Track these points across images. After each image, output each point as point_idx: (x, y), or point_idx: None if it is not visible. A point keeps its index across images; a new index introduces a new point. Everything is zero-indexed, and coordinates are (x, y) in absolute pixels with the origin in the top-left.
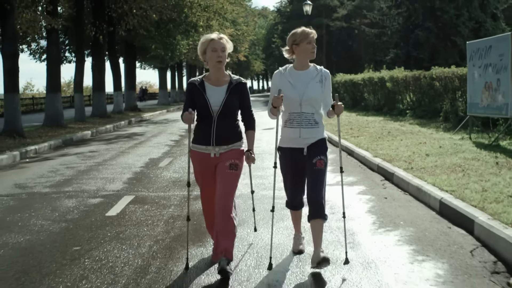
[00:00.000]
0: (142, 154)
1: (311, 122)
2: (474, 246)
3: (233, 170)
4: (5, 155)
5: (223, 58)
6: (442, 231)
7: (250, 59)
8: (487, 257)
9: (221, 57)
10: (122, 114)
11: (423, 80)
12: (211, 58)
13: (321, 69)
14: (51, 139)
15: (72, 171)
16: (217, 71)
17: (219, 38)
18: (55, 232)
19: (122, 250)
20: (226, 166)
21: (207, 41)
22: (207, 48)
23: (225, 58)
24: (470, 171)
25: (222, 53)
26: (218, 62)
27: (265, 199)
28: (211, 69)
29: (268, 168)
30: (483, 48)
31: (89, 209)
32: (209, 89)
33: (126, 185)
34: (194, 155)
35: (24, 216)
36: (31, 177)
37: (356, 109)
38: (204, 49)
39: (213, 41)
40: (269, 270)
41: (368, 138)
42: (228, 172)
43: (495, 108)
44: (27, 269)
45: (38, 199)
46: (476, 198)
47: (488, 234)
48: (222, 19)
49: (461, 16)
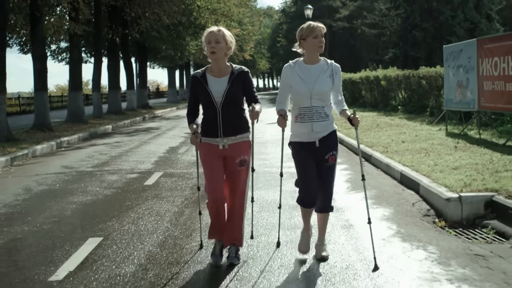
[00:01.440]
0: (162, 144)
1: (322, 116)
2: (416, 200)
3: (243, 167)
4: (45, 144)
5: (217, 49)
6: (396, 192)
7: (255, 58)
8: (423, 207)
9: (214, 48)
10: (135, 111)
11: (412, 79)
12: (207, 50)
13: (331, 63)
14: (78, 132)
15: (106, 157)
16: (214, 62)
17: (217, 30)
18: (109, 194)
19: (162, 203)
20: (236, 163)
21: (205, 34)
22: (204, 41)
23: (221, 49)
24: (432, 152)
25: (215, 45)
26: (212, 53)
27: (268, 174)
28: (211, 61)
29: (270, 153)
30: (456, 51)
31: (130, 181)
32: (211, 81)
33: (154, 165)
34: (202, 146)
35: (80, 186)
36: (73, 161)
37: (355, 106)
38: (204, 42)
39: (208, 34)
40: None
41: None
42: (239, 169)
43: (465, 103)
44: (97, 215)
45: (86, 175)
46: (426, 170)
47: (427, 192)
48: (229, 21)
49: (457, 17)
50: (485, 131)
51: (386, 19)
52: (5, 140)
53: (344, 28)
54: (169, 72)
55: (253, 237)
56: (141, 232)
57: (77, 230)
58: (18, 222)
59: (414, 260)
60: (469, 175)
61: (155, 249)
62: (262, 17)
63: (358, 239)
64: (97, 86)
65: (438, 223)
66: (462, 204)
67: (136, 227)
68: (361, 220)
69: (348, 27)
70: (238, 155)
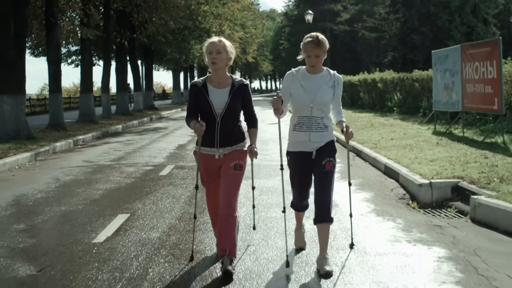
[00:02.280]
0: (171, 141)
1: (320, 126)
2: (395, 187)
3: (237, 171)
4: (63, 142)
5: (218, 60)
6: (379, 180)
7: (258, 60)
8: (400, 192)
9: (215, 59)
10: (142, 112)
11: (406, 81)
12: (208, 60)
13: (334, 73)
14: (91, 131)
15: (121, 152)
16: (215, 73)
17: (218, 41)
18: (129, 182)
19: (176, 189)
20: (231, 166)
21: (206, 45)
22: (205, 51)
23: (222, 60)
24: (415, 148)
25: (216, 55)
26: (212, 63)
27: (268, 167)
28: (211, 71)
29: (271, 149)
30: (443, 56)
31: (146, 172)
32: (211, 92)
33: (166, 159)
34: (200, 157)
35: (102, 176)
36: (92, 156)
37: (354, 107)
38: (205, 52)
39: (209, 45)
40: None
41: (353, 129)
42: (233, 172)
43: (451, 104)
44: (122, 198)
45: (106, 168)
46: (407, 162)
47: (405, 180)
48: (233, 25)
49: (454, 21)
50: (469, 130)
51: (386, 23)
52: (25, 138)
53: (345, 31)
54: (174, 74)
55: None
56: (161, 210)
57: (107, 209)
58: (55, 204)
59: (384, 228)
60: (442, 166)
61: (174, 221)
62: (265, 20)
63: (341, 214)
64: (106, 88)
65: (411, 205)
66: (432, 189)
67: (156, 206)
68: (345, 201)
69: (349, 31)
70: (233, 160)
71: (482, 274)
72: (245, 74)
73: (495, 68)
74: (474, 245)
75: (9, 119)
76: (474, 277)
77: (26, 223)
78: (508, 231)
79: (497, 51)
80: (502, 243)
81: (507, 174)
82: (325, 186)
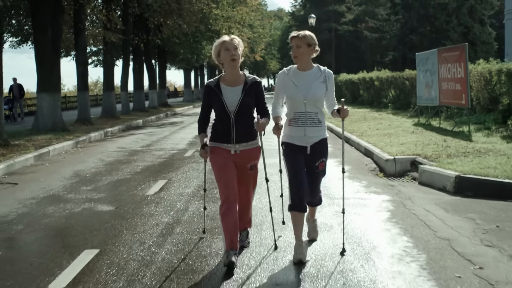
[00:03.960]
0: (189, 132)
1: (315, 121)
2: (368, 162)
3: (253, 171)
4: (96, 133)
5: (237, 56)
6: (358, 159)
7: (266, 59)
8: (372, 166)
9: (234, 55)
10: (157, 109)
11: (399, 80)
12: (225, 57)
13: (324, 69)
14: (116, 125)
15: (147, 141)
16: (232, 70)
17: (230, 39)
18: (161, 161)
19: (200, 165)
20: (248, 168)
21: (220, 43)
22: (220, 50)
23: (239, 56)
24: (393, 135)
25: (235, 51)
26: (232, 60)
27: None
28: (227, 69)
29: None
30: (424, 58)
31: (172, 154)
32: (225, 90)
33: (187, 146)
34: (214, 150)
35: (138, 157)
36: (124, 144)
37: (354, 104)
38: (217, 51)
39: (225, 42)
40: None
41: (347, 121)
42: (249, 173)
43: (430, 100)
44: (158, 170)
45: (139, 152)
46: (382, 145)
47: (377, 158)
48: (241, 27)
49: (451, 22)
50: (446, 122)
51: (387, 24)
52: (61, 130)
53: (350, 31)
54: (185, 73)
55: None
56: (190, 178)
57: (149, 177)
58: (108, 175)
59: (352, 185)
60: (408, 147)
61: (200, 183)
62: (272, 20)
63: (329, 189)
64: (125, 86)
65: (379, 174)
66: (395, 163)
67: (186, 176)
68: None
69: (354, 31)
70: (249, 161)
71: (407, 208)
72: (253, 72)
73: (463, 69)
74: (410, 194)
75: (47, 114)
76: (401, 209)
77: (91, 186)
78: (440, 187)
79: (464, 54)
80: (430, 194)
81: (454, 152)
82: (316, 184)
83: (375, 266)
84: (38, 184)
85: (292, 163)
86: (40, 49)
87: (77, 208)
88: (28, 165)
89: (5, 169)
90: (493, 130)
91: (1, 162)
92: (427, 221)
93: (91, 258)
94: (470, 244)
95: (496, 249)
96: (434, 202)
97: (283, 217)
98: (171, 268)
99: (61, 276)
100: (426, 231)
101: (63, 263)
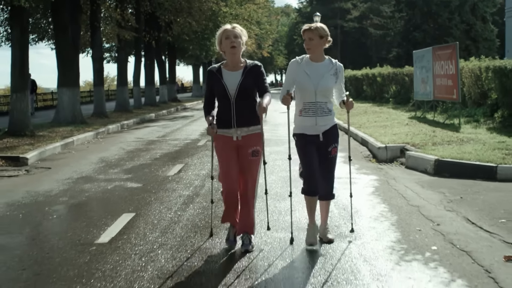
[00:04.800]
0: (200, 125)
1: (325, 111)
2: (364, 150)
3: (255, 157)
4: (113, 125)
5: (237, 44)
6: (355, 148)
7: (273, 54)
8: (367, 153)
9: (234, 42)
10: (167, 103)
11: (399, 76)
12: (226, 45)
13: (335, 62)
14: (130, 118)
15: (162, 132)
16: (232, 57)
17: (232, 27)
18: (176, 149)
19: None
20: (249, 153)
21: (222, 32)
22: (222, 38)
23: (240, 44)
24: (389, 127)
25: (234, 39)
26: (232, 47)
27: (277, 139)
28: (227, 56)
29: (280, 131)
30: (420, 55)
31: (187, 143)
32: (226, 74)
33: (200, 136)
34: (217, 138)
35: (156, 146)
36: (141, 135)
37: (358, 99)
38: (220, 39)
39: (226, 30)
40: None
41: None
42: (251, 159)
43: (426, 94)
44: (175, 157)
45: (155, 141)
46: (377, 135)
47: (372, 146)
48: (250, 24)
49: (453, 20)
50: (440, 115)
51: (391, 21)
52: (80, 122)
53: (355, 28)
54: (194, 69)
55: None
56: (204, 162)
57: (168, 162)
58: (131, 160)
59: (346, 168)
60: (399, 137)
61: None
62: (279, 16)
63: None
64: (137, 82)
65: (372, 160)
66: (387, 150)
67: (201, 161)
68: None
69: (359, 27)
70: (250, 146)
71: (390, 185)
72: None
73: (454, 66)
74: (395, 175)
75: (67, 107)
76: (385, 186)
77: (117, 169)
78: (422, 170)
79: (455, 52)
80: (413, 175)
81: (439, 141)
82: (330, 170)
83: (356, 223)
84: (70, 168)
85: (305, 154)
86: (61, 47)
87: (110, 185)
88: (56, 152)
89: (38, 155)
90: (481, 122)
91: (34, 150)
92: (404, 194)
93: (130, 219)
94: (434, 210)
95: (454, 212)
96: (414, 181)
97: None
98: (194, 224)
99: (108, 230)
100: (401, 201)
101: (107, 221)
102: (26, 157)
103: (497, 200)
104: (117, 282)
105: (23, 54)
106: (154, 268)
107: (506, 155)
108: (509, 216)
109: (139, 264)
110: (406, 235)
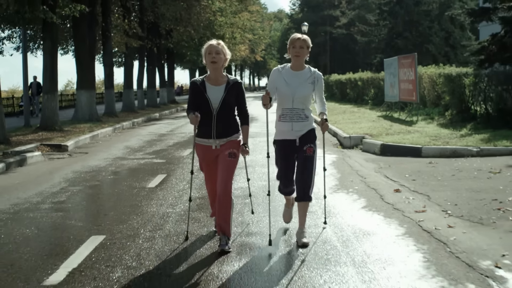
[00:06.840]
0: None
1: (301, 117)
2: (334, 140)
3: (232, 158)
4: (127, 122)
5: (217, 60)
6: (327, 139)
7: (266, 59)
8: (336, 142)
9: (214, 58)
10: (167, 105)
11: (376, 80)
12: (207, 59)
13: (314, 71)
14: (138, 117)
15: (169, 128)
16: (213, 71)
17: (216, 43)
18: (185, 140)
19: None
20: (226, 154)
21: (206, 46)
22: (206, 52)
23: (220, 60)
24: (359, 123)
25: (216, 55)
26: (212, 62)
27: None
28: (209, 70)
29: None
30: (389, 63)
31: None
32: (209, 88)
33: None
34: (198, 148)
35: (167, 138)
36: (151, 130)
37: (342, 101)
38: (204, 53)
39: (210, 46)
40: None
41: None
42: (228, 159)
43: (393, 96)
44: (184, 144)
45: (166, 135)
46: (348, 130)
47: (342, 139)
48: (243, 32)
49: (433, 28)
50: (406, 114)
51: (375, 29)
52: (96, 121)
53: (344, 34)
54: (191, 73)
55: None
56: None
57: (180, 147)
58: (149, 147)
59: None
60: (362, 130)
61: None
62: (272, 21)
63: None
64: (141, 85)
65: (338, 147)
66: (350, 139)
67: None
68: None
69: (347, 34)
70: (228, 149)
71: (345, 161)
72: (254, 72)
73: (413, 73)
74: (351, 155)
75: (85, 107)
76: (340, 161)
77: (141, 152)
78: (372, 152)
79: (414, 61)
80: (364, 155)
81: (391, 132)
82: (306, 168)
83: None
84: (103, 153)
85: (281, 157)
86: (80, 55)
87: (141, 161)
88: (86, 142)
89: (74, 144)
90: (435, 119)
91: (69, 140)
92: (352, 165)
93: (163, 177)
94: (368, 172)
95: (379, 173)
96: (363, 158)
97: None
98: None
99: (151, 182)
100: (348, 168)
101: (150, 178)
102: (67, 145)
103: (411, 167)
104: (162, 208)
105: (53, 62)
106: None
107: (432, 140)
108: (413, 173)
109: (176, 198)
110: (341, 182)
